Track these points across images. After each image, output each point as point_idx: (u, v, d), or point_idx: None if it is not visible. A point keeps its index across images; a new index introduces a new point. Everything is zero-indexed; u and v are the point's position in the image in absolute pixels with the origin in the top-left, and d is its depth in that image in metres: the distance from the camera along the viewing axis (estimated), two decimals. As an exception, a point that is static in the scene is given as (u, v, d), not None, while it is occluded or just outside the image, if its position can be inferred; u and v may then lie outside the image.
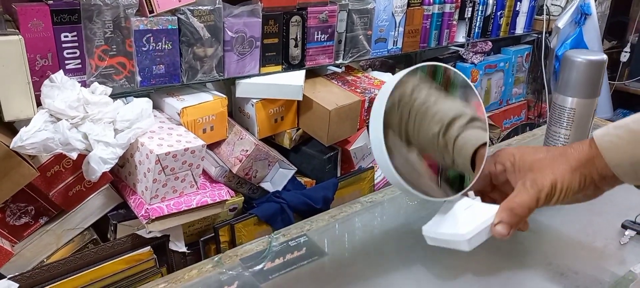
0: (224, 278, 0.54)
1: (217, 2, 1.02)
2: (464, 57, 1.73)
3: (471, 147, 0.54)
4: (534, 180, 0.50)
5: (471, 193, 0.54)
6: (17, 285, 0.80)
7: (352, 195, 1.20)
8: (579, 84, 0.69)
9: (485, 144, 0.55)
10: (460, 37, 1.67)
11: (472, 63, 1.72)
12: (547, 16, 1.93)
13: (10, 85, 0.79)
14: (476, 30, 1.71)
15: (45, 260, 0.89)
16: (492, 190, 0.58)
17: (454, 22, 1.60)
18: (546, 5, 1.96)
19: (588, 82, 0.68)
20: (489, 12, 1.72)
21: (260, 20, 1.09)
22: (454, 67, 1.73)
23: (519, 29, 1.88)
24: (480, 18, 1.70)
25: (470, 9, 1.64)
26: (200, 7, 1.00)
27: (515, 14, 1.83)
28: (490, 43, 1.76)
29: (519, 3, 1.82)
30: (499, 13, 1.75)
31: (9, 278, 0.81)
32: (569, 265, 0.59)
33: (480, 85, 1.77)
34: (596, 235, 0.65)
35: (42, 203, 0.88)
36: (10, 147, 0.76)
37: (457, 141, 0.54)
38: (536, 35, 1.96)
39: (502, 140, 1.75)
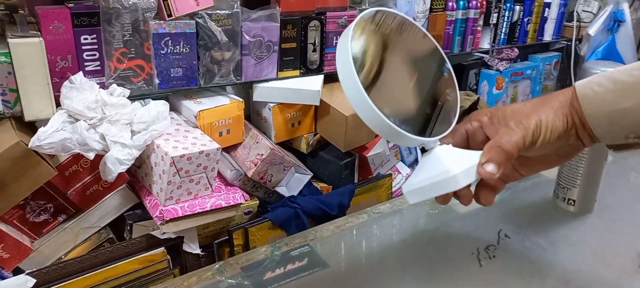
0: (223, 286, 0.54)
1: (235, 6, 1.03)
2: (489, 63, 1.69)
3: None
4: (518, 121, 0.47)
5: (449, 144, 0.52)
6: (35, 280, 0.82)
7: (369, 202, 1.19)
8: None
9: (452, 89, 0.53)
10: (485, 43, 1.64)
11: (498, 70, 1.68)
12: (578, 23, 1.88)
13: (31, 85, 0.81)
14: (502, 37, 1.68)
15: (62, 257, 0.91)
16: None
17: (479, 28, 1.57)
18: (577, 11, 1.90)
19: None
20: (515, 18, 1.68)
21: (279, 24, 1.10)
22: (479, 74, 1.70)
23: (548, 36, 1.83)
24: (506, 24, 1.66)
25: (495, 14, 1.61)
26: (218, 11, 1.01)
27: (544, 20, 1.78)
28: (516, 50, 1.72)
29: (547, 9, 1.77)
30: (526, 19, 1.71)
31: (27, 273, 0.83)
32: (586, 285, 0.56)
33: (505, 92, 1.72)
34: (614, 258, 0.62)
35: (61, 202, 0.90)
36: (29, 146, 0.78)
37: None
38: (566, 42, 1.90)
39: (528, 149, 1.70)
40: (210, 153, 0.94)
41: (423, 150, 0.52)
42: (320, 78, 1.21)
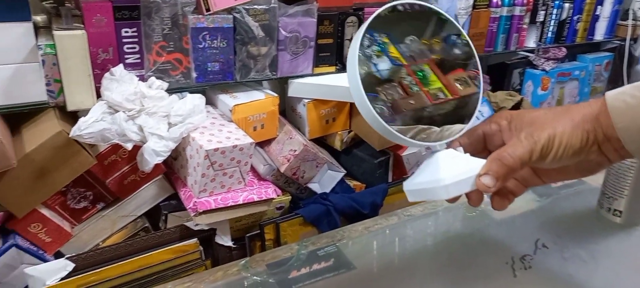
0: (248, 283, 0.54)
1: (273, 1, 1.03)
2: (535, 63, 1.63)
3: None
4: (530, 133, 0.44)
5: (460, 148, 0.50)
6: (74, 264, 0.85)
7: (402, 203, 1.16)
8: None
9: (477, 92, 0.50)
10: (531, 42, 1.58)
11: (543, 70, 1.62)
12: (634, 21, 1.77)
13: (73, 77, 0.84)
14: (549, 35, 1.61)
15: (100, 243, 0.94)
16: (483, 152, 0.51)
17: (524, 26, 1.51)
18: (632, 9, 1.79)
19: None
20: (564, 16, 1.61)
21: (315, 20, 1.09)
22: (523, 73, 1.63)
23: (599, 35, 1.74)
24: (554, 22, 1.59)
25: (543, 12, 1.54)
26: (255, 6, 1.01)
27: (595, 18, 1.69)
28: (564, 49, 1.64)
29: (599, 7, 1.69)
30: (575, 17, 1.63)
31: (67, 258, 0.86)
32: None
33: (551, 93, 1.65)
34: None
35: (100, 190, 0.93)
36: (70, 136, 0.80)
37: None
38: (619, 42, 1.80)
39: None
40: (244, 148, 0.94)
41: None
42: (356, 75, 1.19)
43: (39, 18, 0.94)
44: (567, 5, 1.59)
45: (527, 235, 0.62)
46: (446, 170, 0.45)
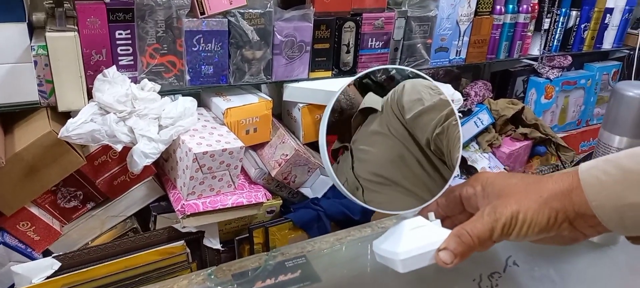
0: (211, 293, 0.54)
1: (269, 5, 1.03)
2: (539, 71, 1.60)
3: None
4: (494, 208, 0.43)
5: (431, 214, 0.49)
6: (60, 263, 0.87)
7: (395, 210, 1.16)
8: (629, 121, 0.60)
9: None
10: (535, 50, 1.55)
11: (548, 78, 1.59)
12: (644, 31, 1.74)
13: (64, 77, 0.85)
14: (555, 43, 1.58)
15: (89, 242, 0.96)
16: (462, 215, 0.51)
17: (529, 34, 1.49)
18: (643, 18, 1.76)
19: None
20: (571, 24, 1.58)
21: (312, 25, 1.08)
22: (527, 82, 1.61)
23: (607, 44, 1.71)
24: (560, 30, 1.56)
25: (548, 20, 1.52)
26: (250, 10, 1.01)
27: (603, 27, 1.66)
28: (569, 57, 1.62)
29: (608, 15, 1.65)
30: (582, 25, 1.60)
31: (54, 256, 0.87)
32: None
33: (555, 102, 1.63)
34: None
35: (90, 190, 0.94)
36: (58, 136, 0.81)
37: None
38: (628, 51, 1.77)
39: (576, 164, 1.61)
40: (234, 151, 0.95)
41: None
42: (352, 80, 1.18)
43: (42, 17, 0.95)
44: (573, 13, 1.56)
45: (499, 252, 0.61)
46: (406, 242, 0.46)
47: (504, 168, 1.45)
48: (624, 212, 0.40)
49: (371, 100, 0.57)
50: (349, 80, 0.55)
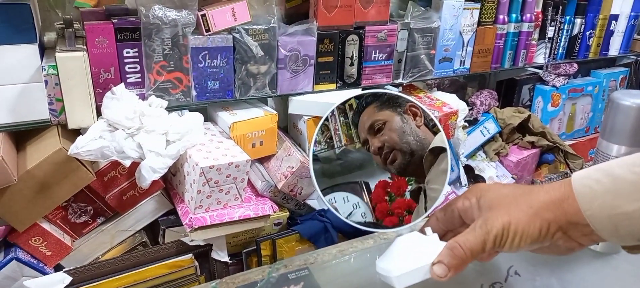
0: (214, 306, 0.55)
1: (272, 21, 1.05)
2: (545, 79, 1.60)
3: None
4: (485, 220, 0.43)
5: (428, 229, 0.50)
6: (71, 278, 0.88)
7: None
8: (626, 130, 0.60)
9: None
10: (540, 58, 1.56)
11: (554, 86, 1.59)
12: (650, 36, 1.73)
13: (74, 96, 0.87)
14: (560, 51, 1.58)
15: (100, 257, 0.97)
16: (462, 227, 0.51)
17: (533, 42, 1.49)
18: (649, 24, 1.75)
19: (637, 129, 0.59)
20: (575, 31, 1.58)
21: (315, 39, 1.10)
22: (533, 90, 1.61)
23: (614, 50, 1.70)
24: (564, 38, 1.56)
25: (552, 28, 1.52)
26: (255, 26, 1.03)
27: (609, 33, 1.66)
28: (575, 65, 1.61)
29: (614, 22, 1.65)
30: (588, 33, 1.60)
31: (65, 271, 0.89)
32: None
33: (562, 110, 1.63)
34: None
35: (100, 205, 0.96)
36: (68, 153, 0.83)
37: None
38: (635, 57, 1.76)
39: (585, 171, 1.59)
40: (240, 165, 0.96)
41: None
42: (356, 92, 1.20)
43: (53, 37, 0.98)
44: (578, 20, 1.56)
45: (501, 261, 0.61)
46: (402, 259, 0.47)
47: (512, 177, 1.45)
48: (618, 221, 0.40)
49: (440, 139, 0.58)
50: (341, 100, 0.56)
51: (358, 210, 0.59)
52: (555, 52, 1.57)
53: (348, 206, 0.60)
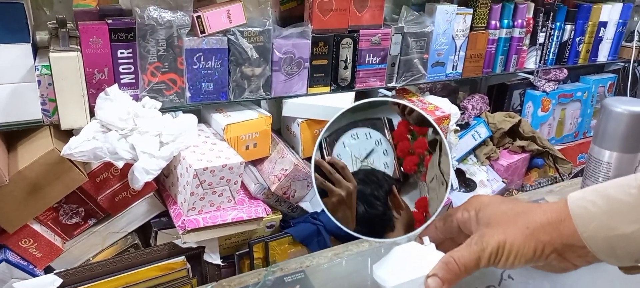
0: (212, 308, 0.55)
1: (267, 23, 1.05)
2: (535, 84, 1.62)
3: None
4: (481, 236, 0.43)
5: (425, 238, 0.50)
6: (61, 280, 0.87)
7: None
8: (618, 136, 0.61)
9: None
10: (531, 63, 1.57)
11: (544, 91, 1.61)
12: (638, 43, 1.76)
13: (67, 96, 0.87)
14: (550, 57, 1.60)
15: (90, 259, 0.96)
16: (460, 235, 0.52)
17: (524, 48, 1.51)
18: (637, 31, 1.78)
19: (628, 136, 0.60)
20: (565, 37, 1.60)
21: (310, 42, 1.10)
22: (524, 95, 1.63)
23: (602, 57, 1.73)
24: (555, 44, 1.58)
25: (543, 34, 1.54)
26: (250, 29, 1.03)
27: (598, 40, 1.68)
28: (565, 71, 1.64)
29: (603, 28, 1.68)
30: (577, 39, 1.62)
31: (55, 273, 0.88)
32: None
33: (552, 114, 1.65)
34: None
35: (92, 206, 0.95)
36: (61, 154, 0.83)
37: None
38: (623, 63, 1.79)
39: (575, 176, 1.62)
40: (233, 167, 0.96)
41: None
42: (350, 95, 1.20)
43: (46, 37, 0.97)
44: (568, 27, 1.59)
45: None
46: (397, 269, 0.47)
47: (502, 181, 1.47)
48: (615, 243, 0.40)
49: None
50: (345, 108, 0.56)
51: (380, 147, 0.59)
52: (546, 58, 1.59)
53: (370, 143, 0.59)
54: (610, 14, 1.66)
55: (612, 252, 0.41)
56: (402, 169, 0.59)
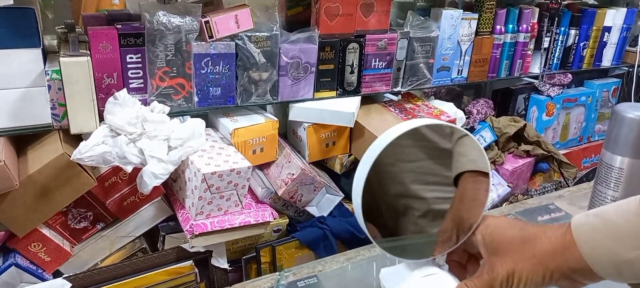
0: (226, 313, 0.55)
1: (275, 28, 1.06)
2: (540, 88, 1.62)
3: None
4: (492, 266, 0.45)
5: (441, 258, 0.51)
6: (70, 284, 0.88)
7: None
8: (630, 142, 0.61)
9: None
10: (536, 68, 1.58)
11: (548, 96, 1.61)
12: (642, 48, 1.76)
13: (77, 101, 0.87)
14: (555, 61, 1.60)
15: (99, 263, 0.96)
16: (468, 247, 0.53)
17: (529, 52, 1.52)
18: (641, 36, 1.78)
19: None
20: (570, 42, 1.60)
21: (317, 46, 1.11)
22: (528, 99, 1.63)
23: (606, 61, 1.73)
24: (559, 49, 1.59)
25: (548, 39, 1.54)
26: (257, 34, 1.04)
27: (602, 45, 1.68)
28: (570, 75, 1.64)
29: (607, 33, 1.68)
30: (581, 44, 1.62)
31: (64, 277, 0.88)
32: None
33: (556, 119, 1.65)
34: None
35: (100, 210, 0.96)
36: (71, 158, 0.83)
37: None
38: (627, 68, 1.79)
39: (579, 181, 1.62)
40: (241, 171, 0.96)
41: None
42: (356, 100, 1.21)
43: (55, 42, 0.98)
44: (572, 32, 1.59)
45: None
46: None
47: (507, 185, 1.46)
48: (620, 267, 0.41)
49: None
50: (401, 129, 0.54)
51: None
52: (550, 63, 1.59)
53: None
54: (614, 18, 1.66)
55: (618, 274, 0.42)
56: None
